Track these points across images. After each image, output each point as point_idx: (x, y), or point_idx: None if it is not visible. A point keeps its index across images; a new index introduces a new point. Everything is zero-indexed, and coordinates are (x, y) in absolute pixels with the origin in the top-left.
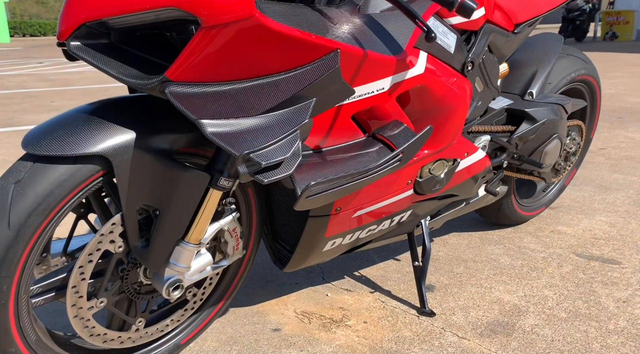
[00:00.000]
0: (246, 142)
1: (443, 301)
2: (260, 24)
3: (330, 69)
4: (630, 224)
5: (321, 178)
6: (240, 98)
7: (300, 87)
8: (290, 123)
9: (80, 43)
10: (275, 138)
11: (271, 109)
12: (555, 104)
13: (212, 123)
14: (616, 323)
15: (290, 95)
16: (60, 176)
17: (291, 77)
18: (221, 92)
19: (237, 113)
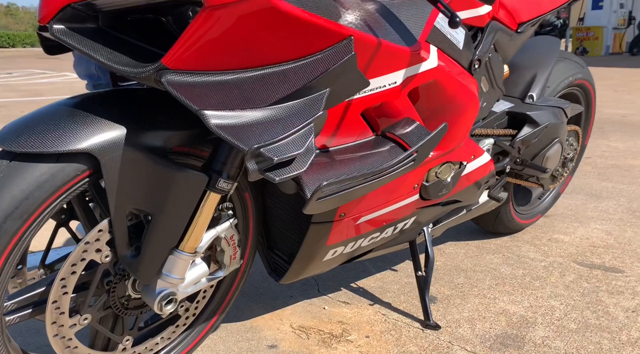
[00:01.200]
0: (255, 136)
1: (447, 313)
2: (272, 5)
3: (345, 56)
4: (626, 232)
5: (333, 178)
6: (246, 88)
7: (312, 77)
8: (303, 115)
9: (65, 26)
10: (288, 131)
11: (281, 100)
12: (556, 108)
13: (217, 115)
14: (628, 333)
15: (302, 85)
16: (40, 176)
17: (302, 66)
18: (225, 81)
19: (243, 104)
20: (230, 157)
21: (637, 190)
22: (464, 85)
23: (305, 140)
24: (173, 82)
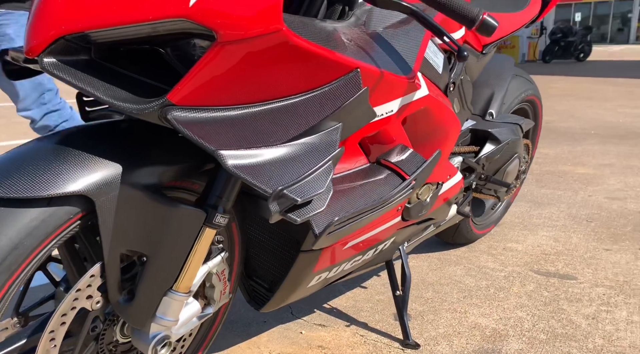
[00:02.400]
0: (276, 176)
1: (423, 330)
2: (287, 39)
3: (356, 91)
4: (571, 238)
5: (341, 212)
6: (257, 124)
7: (322, 110)
8: (320, 152)
9: (57, 60)
10: (307, 170)
11: (295, 136)
12: (514, 124)
13: (233, 155)
14: (594, 341)
15: (314, 120)
16: (30, 222)
17: (311, 98)
18: (235, 117)
19: (257, 141)
20: (227, 191)
21: (573, 195)
22: (449, 109)
23: (326, 178)
24: (181, 119)
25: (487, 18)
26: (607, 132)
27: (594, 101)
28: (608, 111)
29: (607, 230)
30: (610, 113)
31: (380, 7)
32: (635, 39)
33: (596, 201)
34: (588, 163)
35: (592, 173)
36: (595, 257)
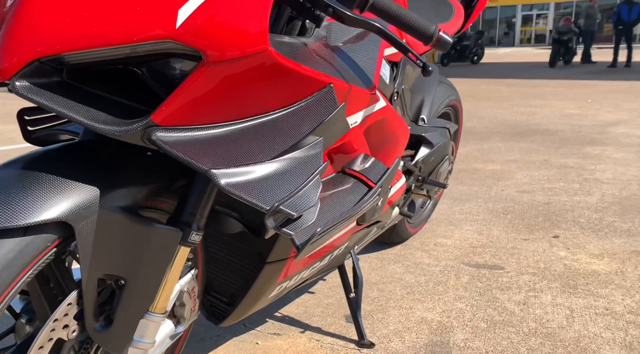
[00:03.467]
0: (269, 193)
1: (375, 329)
2: (272, 58)
3: (333, 106)
4: (492, 231)
5: (322, 223)
6: (243, 141)
7: (303, 125)
8: (307, 167)
9: (29, 83)
10: (298, 185)
11: (281, 152)
12: (443, 128)
13: (225, 174)
14: (528, 325)
15: (296, 135)
16: (7, 253)
17: (291, 114)
18: (220, 135)
19: (245, 158)
20: (200, 208)
21: (487, 191)
22: (401, 118)
23: (316, 192)
24: (166, 139)
25: (442, 35)
26: (507, 130)
27: (492, 101)
28: (505, 110)
29: (522, 221)
30: (507, 113)
31: (348, 24)
32: (519, 42)
33: (509, 195)
34: (496, 160)
35: (500, 169)
36: (516, 247)
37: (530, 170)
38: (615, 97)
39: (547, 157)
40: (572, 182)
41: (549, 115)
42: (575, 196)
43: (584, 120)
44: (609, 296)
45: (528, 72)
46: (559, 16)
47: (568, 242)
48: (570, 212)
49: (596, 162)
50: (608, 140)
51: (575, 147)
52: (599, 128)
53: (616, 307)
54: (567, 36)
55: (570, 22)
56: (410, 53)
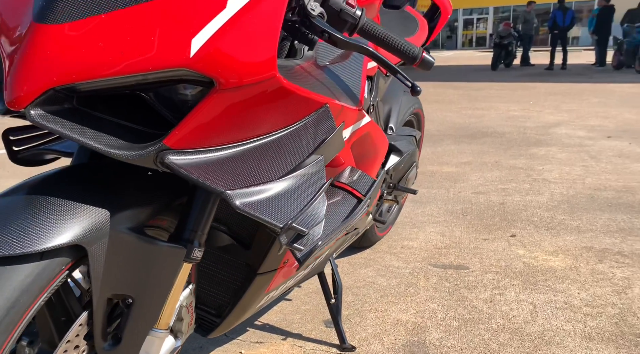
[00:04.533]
0: (280, 211)
1: (354, 333)
2: (279, 83)
3: (330, 125)
4: (454, 232)
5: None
6: (250, 161)
7: (304, 144)
8: (312, 184)
9: (44, 111)
10: (305, 202)
11: (287, 171)
12: (410, 136)
13: (239, 194)
14: (496, 321)
15: (299, 154)
16: (25, 279)
17: (292, 134)
18: (228, 156)
19: (254, 178)
20: (201, 224)
21: (445, 193)
22: (382, 130)
23: (322, 208)
24: (179, 162)
25: (426, 56)
26: (458, 132)
27: (441, 104)
28: (454, 113)
29: (481, 221)
30: (457, 115)
31: (340, 47)
32: (461, 45)
33: (465, 196)
34: (450, 162)
35: (456, 171)
36: (478, 247)
37: (483, 171)
38: (555, 99)
39: (497, 159)
40: (522, 182)
41: (496, 117)
42: (527, 196)
43: (528, 121)
44: (566, 291)
45: (472, 75)
46: (497, 20)
47: (525, 240)
48: (523, 211)
49: (543, 163)
50: (552, 140)
51: (522, 148)
52: (542, 130)
53: (574, 301)
54: (507, 40)
55: (510, 27)
56: (399, 74)
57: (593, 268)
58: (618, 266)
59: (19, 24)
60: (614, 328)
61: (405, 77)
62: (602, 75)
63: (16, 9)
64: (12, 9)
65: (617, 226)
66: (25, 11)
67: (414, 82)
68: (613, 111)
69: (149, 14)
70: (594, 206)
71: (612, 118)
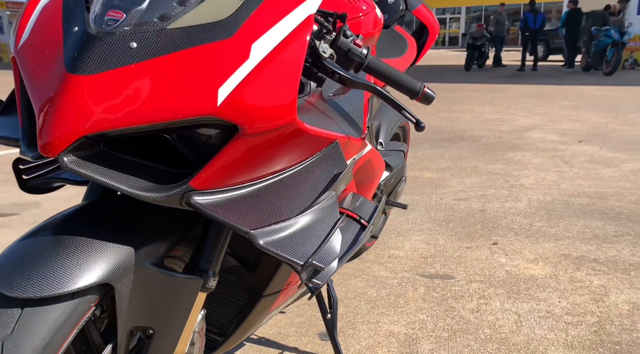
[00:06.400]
0: (299, 247)
1: (349, 346)
2: (297, 125)
3: (342, 163)
4: (438, 240)
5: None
6: (268, 199)
7: (315, 180)
8: (327, 220)
9: (75, 157)
10: (321, 238)
11: (304, 208)
12: (399, 151)
13: (262, 233)
14: (484, 332)
15: (312, 190)
16: (58, 318)
17: (303, 170)
18: (248, 194)
19: (274, 216)
20: (215, 254)
21: (427, 199)
22: (380, 155)
23: (338, 243)
24: (205, 203)
25: (427, 90)
26: (436, 136)
27: (417, 107)
28: (431, 116)
29: (463, 229)
30: (433, 119)
31: (348, 86)
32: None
33: (447, 203)
34: (430, 167)
35: (436, 177)
36: (462, 256)
37: (462, 177)
38: (528, 101)
39: (475, 164)
40: (501, 189)
41: (471, 120)
42: (506, 202)
43: (503, 125)
44: (548, 300)
45: (447, 75)
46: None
47: (506, 248)
48: (503, 219)
49: (519, 168)
50: (527, 145)
51: (499, 152)
52: (517, 134)
53: (555, 309)
54: (480, 41)
55: (483, 28)
56: (404, 110)
57: (571, 276)
58: (595, 274)
59: (49, 72)
60: (594, 336)
61: (410, 113)
62: (572, 77)
63: (44, 58)
64: (40, 57)
65: (592, 233)
66: (54, 60)
67: (418, 118)
68: (583, 114)
69: (176, 64)
70: (570, 213)
71: (582, 121)
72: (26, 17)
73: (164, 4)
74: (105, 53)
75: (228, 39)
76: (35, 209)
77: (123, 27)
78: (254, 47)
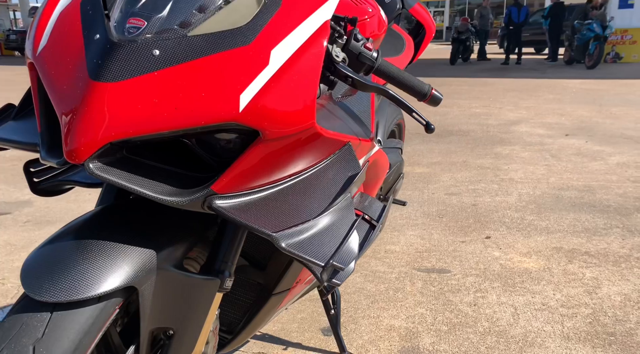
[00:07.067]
0: (319, 249)
1: (351, 340)
2: (315, 129)
3: (355, 164)
4: (433, 235)
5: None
6: (288, 201)
7: (330, 181)
8: (344, 221)
9: (100, 163)
10: (339, 238)
11: (322, 210)
12: (397, 148)
13: (284, 235)
14: (482, 324)
15: (328, 192)
16: (86, 321)
17: (319, 172)
18: (267, 197)
19: (294, 218)
20: (231, 255)
21: (420, 194)
22: (385, 155)
23: (356, 244)
24: (226, 206)
25: (434, 93)
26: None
27: None
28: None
29: (456, 223)
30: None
31: (359, 89)
32: None
33: (439, 198)
34: (421, 162)
35: (427, 172)
36: (457, 250)
37: (453, 172)
38: (513, 95)
39: (465, 158)
40: (491, 183)
41: (459, 114)
42: (497, 196)
43: (490, 119)
44: (543, 292)
45: (432, 70)
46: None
47: (499, 242)
48: (495, 213)
49: (508, 162)
50: (514, 139)
51: (487, 147)
52: (504, 128)
53: (550, 302)
54: (465, 35)
55: (468, 22)
56: (415, 113)
57: (564, 268)
58: (587, 266)
59: (72, 79)
60: (588, 327)
61: (421, 115)
62: (555, 70)
63: (65, 65)
64: (61, 64)
65: (582, 226)
66: (77, 67)
67: (428, 120)
68: (568, 108)
69: (198, 70)
70: (560, 207)
71: (567, 115)
72: (43, 23)
73: (184, 11)
74: (128, 61)
75: (248, 45)
76: (28, 208)
77: (145, 34)
78: (273, 53)
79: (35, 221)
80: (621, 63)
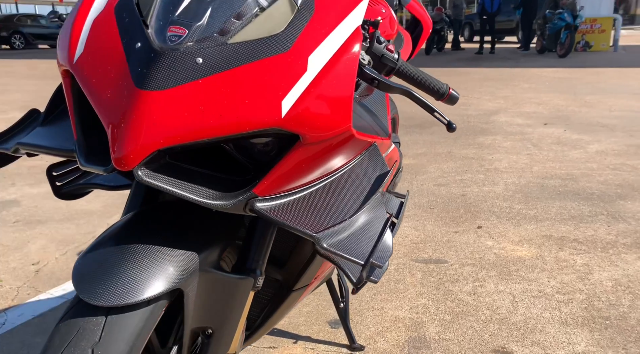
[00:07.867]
0: (358, 248)
1: (359, 331)
2: (351, 132)
3: (382, 164)
4: (426, 226)
5: None
6: (325, 201)
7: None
8: (377, 220)
9: (148, 169)
10: (373, 237)
11: (357, 209)
12: (396, 142)
13: (324, 235)
14: (484, 313)
15: (360, 191)
16: (138, 324)
17: (348, 173)
18: (305, 197)
19: (331, 217)
20: (262, 254)
21: (409, 186)
22: (398, 152)
23: (390, 242)
24: (267, 208)
25: (452, 92)
26: (408, 122)
27: None
28: (398, 101)
29: (447, 214)
30: (401, 104)
31: (382, 90)
32: None
33: (429, 189)
34: (407, 154)
35: (414, 163)
36: (451, 240)
37: (439, 162)
38: (490, 85)
39: (449, 149)
40: (477, 173)
41: (438, 105)
42: (484, 186)
43: (470, 109)
44: (538, 280)
45: None
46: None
47: (491, 231)
48: (484, 202)
49: (491, 152)
50: (495, 129)
51: (470, 137)
52: (484, 118)
53: (546, 289)
54: (439, 25)
55: (442, 12)
56: (436, 112)
57: (556, 256)
58: (577, 253)
59: (115, 88)
60: (584, 312)
61: (442, 115)
62: (528, 59)
63: (107, 73)
64: (102, 72)
65: (568, 214)
66: (120, 76)
67: (449, 120)
68: (544, 97)
69: (240, 77)
70: (545, 195)
71: (544, 104)
72: (77, 30)
73: (222, 18)
74: (172, 69)
75: (286, 52)
76: (15, 207)
77: (187, 43)
78: (311, 59)
79: (25, 221)
80: (591, 51)
